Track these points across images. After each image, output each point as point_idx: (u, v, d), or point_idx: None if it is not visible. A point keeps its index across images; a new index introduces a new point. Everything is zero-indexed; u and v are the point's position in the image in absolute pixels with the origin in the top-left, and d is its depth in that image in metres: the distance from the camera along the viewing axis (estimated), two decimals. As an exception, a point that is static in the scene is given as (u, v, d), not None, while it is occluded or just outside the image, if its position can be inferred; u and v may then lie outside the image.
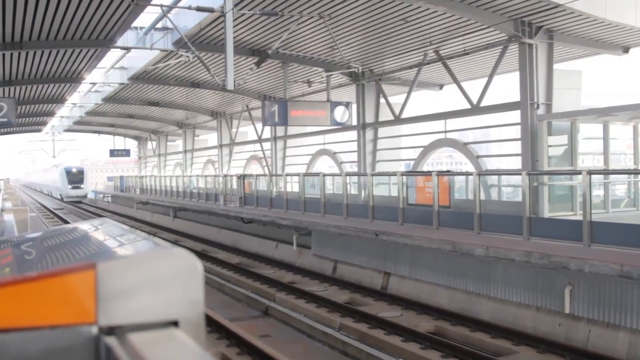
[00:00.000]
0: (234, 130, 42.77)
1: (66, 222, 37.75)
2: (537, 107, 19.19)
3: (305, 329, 13.69)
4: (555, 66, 20.17)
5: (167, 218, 40.05)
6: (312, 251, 21.60)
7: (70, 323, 1.34)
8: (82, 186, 67.07)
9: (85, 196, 67.39)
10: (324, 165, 36.24)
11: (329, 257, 20.66)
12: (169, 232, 35.46)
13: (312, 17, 20.59)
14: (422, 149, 26.58)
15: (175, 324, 1.40)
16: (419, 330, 12.67)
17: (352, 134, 29.41)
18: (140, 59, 29.19)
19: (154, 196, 45.39)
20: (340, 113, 24.33)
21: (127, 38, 24.70)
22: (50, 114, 45.73)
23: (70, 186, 66.20)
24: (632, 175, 20.36)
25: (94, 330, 1.35)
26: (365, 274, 18.57)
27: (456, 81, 23.68)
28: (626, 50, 21.91)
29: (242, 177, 31.55)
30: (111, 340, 1.32)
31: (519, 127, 19.90)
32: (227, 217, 30.05)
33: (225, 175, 35.17)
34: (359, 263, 19.02)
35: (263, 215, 25.45)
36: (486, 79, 22.48)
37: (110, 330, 1.35)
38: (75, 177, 67.04)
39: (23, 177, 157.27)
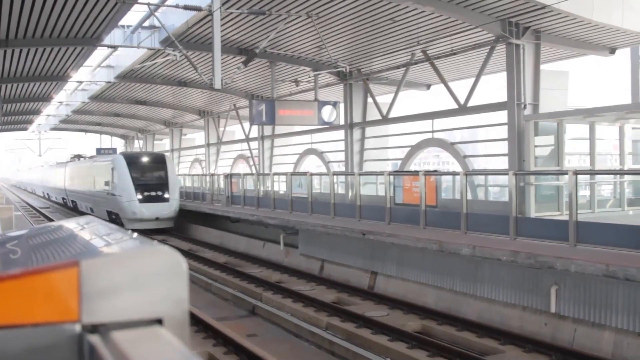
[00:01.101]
0: (221, 129, 42.72)
1: (51, 220, 37.58)
2: (524, 108, 19.26)
3: (292, 329, 13.68)
4: (542, 67, 20.26)
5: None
6: (299, 250, 21.59)
7: (53, 321, 1.32)
8: (166, 195, 32.36)
9: (172, 219, 32.94)
10: (312, 164, 36.22)
11: (316, 257, 20.65)
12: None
13: (299, 17, 20.58)
14: (409, 148, 26.62)
15: (159, 322, 1.39)
16: (406, 329, 12.69)
17: (340, 134, 29.44)
18: (127, 58, 29.11)
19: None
20: (327, 112, 24.33)
21: (114, 36, 24.63)
22: (37, 112, 45.49)
23: (140, 196, 31.80)
24: (618, 176, 20.49)
25: (77, 328, 1.33)
26: (352, 273, 18.58)
27: (444, 81, 23.73)
28: (612, 51, 22.02)
29: (229, 176, 31.48)
30: (94, 339, 1.31)
31: (505, 127, 19.97)
32: (213, 216, 29.98)
33: (212, 174, 35.08)
34: (346, 262, 19.03)
35: (250, 215, 25.41)
36: (473, 79, 22.57)
37: (94, 328, 1.34)
38: (151, 177, 32.99)
39: (13, 175, 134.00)
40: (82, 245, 2.03)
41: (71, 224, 2.58)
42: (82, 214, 37.27)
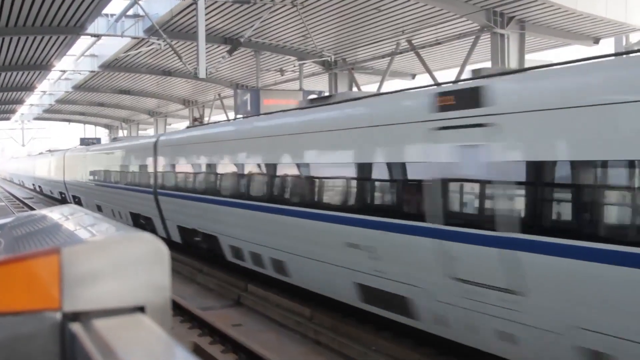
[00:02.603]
0: (206, 119, 42.56)
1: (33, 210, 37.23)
2: (509, 97, 19.29)
3: (277, 318, 13.68)
4: (527, 56, 20.33)
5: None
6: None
7: (33, 309, 1.31)
8: None
9: None
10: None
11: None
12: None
13: (284, 5, 20.51)
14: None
15: (141, 309, 1.37)
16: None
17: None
18: (111, 47, 28.93)
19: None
20: (313, 102, 24.29)
21: (98, 25, 24.45)
22: (20, 101, 45.17)
23: None
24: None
25: (58, 316, 1.32)
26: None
27: (428, 71, 23.76)
28: (596, 41, 22.12)
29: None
30: (76, 327, 1.30)
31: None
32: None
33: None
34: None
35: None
36: (458, 68, 22.60)
37: (75, 316, 1.32)
38: None
39: (5, 163, 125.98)
40: (64, 233, 2.01)
41: (52, 213, 2.56)
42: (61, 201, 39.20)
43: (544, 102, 7.52)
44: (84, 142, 53.38)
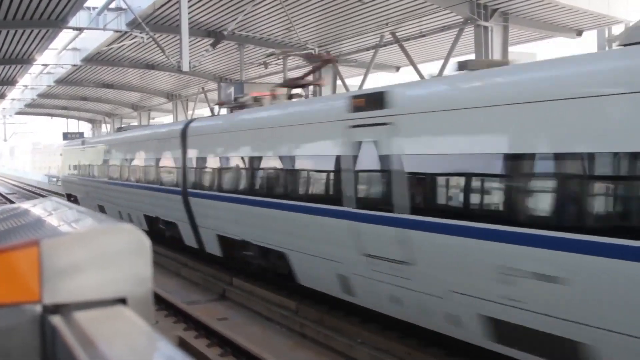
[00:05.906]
0: (189, 112, 42.42)
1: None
2: (492, 89, 19.34)
3: (263, 312, 13.67)
4: (510, 49, 20.38)
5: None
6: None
7: (13, 302, 1.29)
8: None
9: None
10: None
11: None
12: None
13: (268, -2, 20.44)
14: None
15: (123, 301, 1.35)
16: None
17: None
18: (93, 40, 28.72)
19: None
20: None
21: (80, 18, 24.22)
22: (1, 96, 44.76)
23: None
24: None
25: (38, 308, 1.30)
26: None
27: (413, 63, 23.78)
28: (579, 33, 22.22)
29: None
30: (56, 319, 1.28)
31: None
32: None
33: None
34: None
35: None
36: (442, 61, 22.63)
37: (55, 309, 1.30)
38: None
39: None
40: (45, 226, 1.99)
41: (30, 205, 2.53)
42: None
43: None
44: (67, 137, 53.25)
